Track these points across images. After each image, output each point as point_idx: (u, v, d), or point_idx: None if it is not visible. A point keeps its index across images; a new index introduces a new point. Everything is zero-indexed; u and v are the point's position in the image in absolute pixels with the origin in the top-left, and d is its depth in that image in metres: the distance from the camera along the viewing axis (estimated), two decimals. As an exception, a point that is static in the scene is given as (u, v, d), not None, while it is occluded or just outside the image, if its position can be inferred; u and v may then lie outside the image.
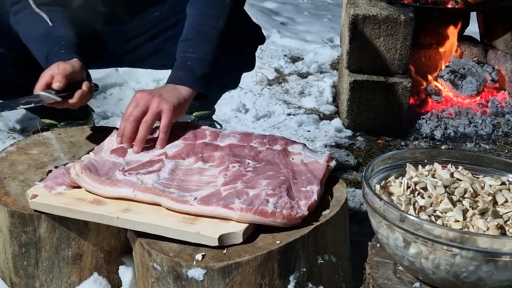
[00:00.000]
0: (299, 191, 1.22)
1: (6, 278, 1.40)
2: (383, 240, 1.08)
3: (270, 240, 1.15)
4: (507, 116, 2.71)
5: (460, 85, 2.77)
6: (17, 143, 1.61)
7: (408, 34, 2.55)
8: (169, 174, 1.29)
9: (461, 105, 2.77)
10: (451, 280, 1.00)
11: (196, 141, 1.44)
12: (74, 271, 1.35)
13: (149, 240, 1.18)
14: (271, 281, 1.13)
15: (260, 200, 1.17)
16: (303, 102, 2.99)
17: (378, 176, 1.19)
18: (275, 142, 1.43)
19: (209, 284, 1.11)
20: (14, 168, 1.47)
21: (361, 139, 2.61)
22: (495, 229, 1.01)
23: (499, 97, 2.80)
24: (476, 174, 1.21)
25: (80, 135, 1.65)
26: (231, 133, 1.49)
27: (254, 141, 1.43)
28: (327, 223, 1.20)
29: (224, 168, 1.31)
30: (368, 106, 2.63)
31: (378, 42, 2.56)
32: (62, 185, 1.31)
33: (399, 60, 2.60)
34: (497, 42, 2.86)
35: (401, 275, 1.09)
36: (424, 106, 2.78)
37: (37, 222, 1.31)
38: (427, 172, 1.19)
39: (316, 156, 1.37)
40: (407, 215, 1.00)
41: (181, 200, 1.19)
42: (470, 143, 2.58)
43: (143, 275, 1.21)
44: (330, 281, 1.22)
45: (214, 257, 1.12)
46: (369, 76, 2.60)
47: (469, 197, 1.09)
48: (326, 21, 4.26)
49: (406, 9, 2.57)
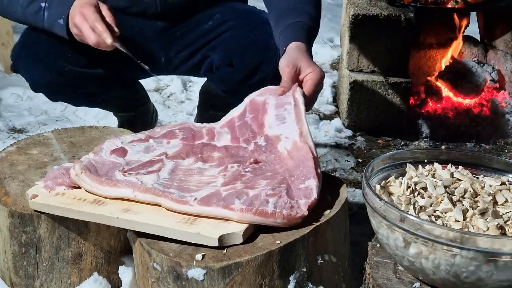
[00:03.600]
0: (298, 188, 1.22)
1: (6, 278, 1.40)
2: (383, 240, 1.08)
3: (270, 240, 1.15)
4: (507, 116, 2.71)
5: (460, 85, 2.77)
6: (17, 143, 1.61)
7: (408, 34, 2.55)
8: (169, 174, 1.29)
9: (461, 105, 2.77)
10: (451, 280, 1.00)
11: (195, 141, 1.45)
12: (74, 271, 1.35)
13: (149, 240, 1.18)
14: (271, 281, 1.13)
15: (260, 200, 1.17)
16: (303, 102, 2.99)
17: (378, 176, 1.19)
18: (253, 131, 1.39)
19: (209, 284, 1.11)
20: (14, 168, 1.47)
21: (361, 139, 2.61)
22: (495, 229, 1.01)
23: (499, 97, 2.80)
24: (476, 174, 1.21)
25: (80, 135, 1.65)
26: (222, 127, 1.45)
27: (241, 139, 1.41)
28: (327, 223, 1.20)
29: (223, 169, 1.31)
30: (368, 106, 2.63)
31: (378, 42, 2.56)
32: (62, 185, 1.31)
33: (399, 60, 2.61)
34: (497, 42, 2.86)
35: (401, 275, 1.09)
36: (424, 106, 2.78)
37: (37, 222, 1.31)
38: (427, 172, 1.19)
39: (288, 128, 1.33)
40: (407, 215, 1.00)
41: (181, 201, 1.19)
42: (470, 143, 2.58)
43: (143, 275, 1.21)
44: (330, 281, 1.22)
45: (214, 257, 1.12)
46: (369, 76, 2.60)
47: (469, 197, 1.09)
48: (326, 21, 4.26)
49: (406, 9, 2.57)
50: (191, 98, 3.05)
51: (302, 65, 1.38)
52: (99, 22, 1.48)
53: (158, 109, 2.87)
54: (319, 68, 1.39)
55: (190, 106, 2.97)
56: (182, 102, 3.02)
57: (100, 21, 1.48)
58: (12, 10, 1.53)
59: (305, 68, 1.38)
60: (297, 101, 1.36)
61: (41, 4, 1.48)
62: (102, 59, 1.73)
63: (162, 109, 2.91)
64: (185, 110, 2.92)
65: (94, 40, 1.49)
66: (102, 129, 1.71)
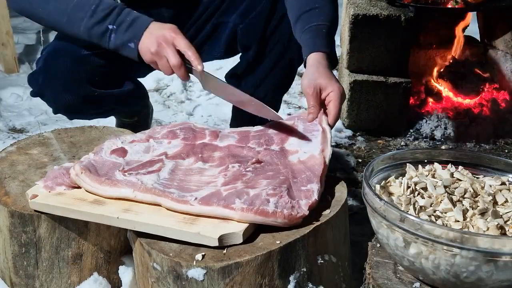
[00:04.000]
0: (299, 190, 1.22)
1: (6, 278, 1.40)
2: (383, 240, 1.08)
3: (270, 240, 1.15)
4: (507, 116, 2.71)
5: (460, 85, 2.77)
6: (17, 143, 1.61)
7: (408, 34, 2.55)
8: (169, 174, 1.29)
9: (461, 105, 2.77)
10: (451, 280, 1.00)
11: (196, 141, 1.45)
12: (74, 271, 1.35)
13: (149, 240, 1.18)
14: (271, 281, 1.13)
15: (261, 200, 1.17)
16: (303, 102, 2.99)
17: (378, 176, 1.19)
18: (271, 142, 1.42)
19: (209, 284, 1.11)
20: (14, 168, 1.47)
21: (361, 139, 2.61)
22: (495, 229, 1.01)
23: (499, 97, 2.80)
24: (476, 174, 1.21)
25: (80, 135, 1.65)
26: (230, 133, 1.49)
27: (252, 142, 1.44)
28: (327, 223, 1.20)
29: (224, 168, 1.31)
30: (368, 106, 2.63)
31: (378, 42, 2.56)
32: (62, 185, 1.31)
33: (399, 60, 2.61)
34: (497, 42, 2.86)
35: (401, 275, 1.09)
36: (424, 106, 2.78)
37: (37, 222, 1.31)
38: (427, 172, 1.19)
39: (311, 147, 1.37)
40: (407, 215, 1.00)
41: (181, 200, 1.19)
42: (470, 143, 2.58)
43: (143, 275, 1.21)
44: (330, 281, 1.22)
45: (214, 257, 1.11)
46: (369, 76, 2.60)
47: (469, 197, 1.09)
48: (326, 21, 4.25)
49: (406, 9, 2.57)
50: (191, 98, 3.05)
51: (323, 84, 1.43)
52: (191, 49, 1.45)
53: (158, 109, 2.87)
54: (338, 84, 1.44)
55: (190, 106, 2.97)
56: (182, 102, 3.02)
57: (192, 48, 1.45)
58: (73, 29, 1.51)
59: (325, 87, 1.43)
60: (325, 130, 1.40)
61: (109, 26, 1.47)
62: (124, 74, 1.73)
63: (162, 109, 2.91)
64: (185, 110, 2.92)
65: (177, 64, 1.44)
66: (102, 129, 1.71)
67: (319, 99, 1.44)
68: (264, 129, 1.49)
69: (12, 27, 3.35)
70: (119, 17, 1.48)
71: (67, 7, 1.50)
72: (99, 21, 1.48)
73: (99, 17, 1.48)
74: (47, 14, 1.53)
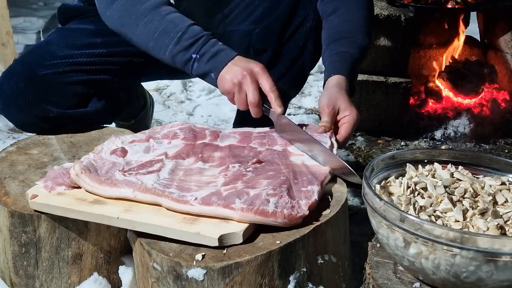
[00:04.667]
0: (300, 191, 1.22)
1: (6, 278, 1.40)
2: (383, 240, 1.08)
3: (270, 240, 1.15)
4: (507, 116, 2.71)
5: (460, 85, 2.77)
6: (17, 143, 1.61)
7: (408, 34, 2.56)
8: (169, 174, 1.29)
9: (461, 105, 2.77)
10: (451, 280, 1.00)
11: (196, 141, 1.45)
12: (74, 271, 1.35)
13: (149, 240, 1.18)
14: (271, 281, 1.13)
15: (261, 200, 1.17)
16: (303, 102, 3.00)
17: (378, 176, 1.19)
18: (275, 143, 1.43)
19: (209, 284, 1.11)
20: (14, 168, 1.47)
21: (361, 139, 2.61)
22: (495, 229, 1.01)
23: (499, 97, 2.80)
24: (476, 174, 1.21)
25: (80, 135, 1.65)
26: (231, 133, 1.49)
27: (254, 142, 1.44)
28: (327, 223, 1.20)
29: (224, 168, 1.31)
30: (368, 106, 2.63)
31: (378, 42, 2.56)
32: (62, 185, 1.31)
33: (399, 60, 2.61)
34: (497, 42, 2.86)
35: (401, 275, 1.09)
36: (424, 106, 2.78)
37: (37, 222, 1.31)
38: (427, 172, 1.19)
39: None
40: (407, 215, 1.00)
41: (181, 200, 1.19)
42: (470, 143, 2.58)
43: (143, 275, 1.21)
44: (330, 281, 1.22)
45: (214, 257, 1.11)
46: (369, 76, 2.60)
47: (469, 197, 1.09)
48: (326, 21, 4.26)
49: (406, 9, 2.57)
50: (191, 98, 3.06)
51: (341, 107, 1.45)
52: (275, 92, 1.44)
53: (158, 109, 2.87)
54: (356, 111, 1.46)
55: (190, 106, 2.97)
56: (182, 102, 3.02)
57: (277, 91, 1.44)
58: (159, 54, 1.52)
59: (343, 110, 1.45)
60: (333, 144, 1.41)
61: (193, 55, 1.48)
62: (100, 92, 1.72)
63: (162, 109, 2.91)
64: (185, 110, 2.92)
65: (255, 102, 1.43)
66: (102, 129, 1.71)
67: (334, 119, 1.45)
68: (268, 131, 1.49)
69: (12, 27, 3.35)
70: (203, 47, 1.48)
71: (155, 32, 1.51)
72: (183, 49, 1.49)
73: (184, 46, 1.49)
74: (136, 36, 1.55)
